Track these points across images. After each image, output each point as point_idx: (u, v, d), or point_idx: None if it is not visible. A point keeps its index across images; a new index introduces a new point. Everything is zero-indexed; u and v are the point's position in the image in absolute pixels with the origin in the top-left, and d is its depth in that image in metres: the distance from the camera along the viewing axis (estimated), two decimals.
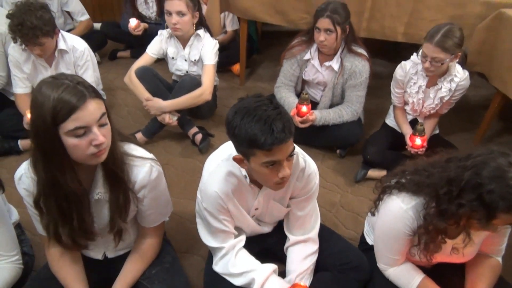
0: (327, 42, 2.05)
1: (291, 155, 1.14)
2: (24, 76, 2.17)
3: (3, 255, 1.29)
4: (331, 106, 2.28)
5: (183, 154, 2.34)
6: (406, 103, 2.15)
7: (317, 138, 2.30)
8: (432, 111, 2.10)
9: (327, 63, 2.18)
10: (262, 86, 3.01)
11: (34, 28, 1.88)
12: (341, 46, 2.14)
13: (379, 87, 2.79)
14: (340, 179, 2.21)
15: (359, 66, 2.12)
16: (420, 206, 1.17)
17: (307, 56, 2.22)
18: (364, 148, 2.16)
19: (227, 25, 3.11)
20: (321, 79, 2.26)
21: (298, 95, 2.32)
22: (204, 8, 2.73)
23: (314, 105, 2.30)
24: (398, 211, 1.22)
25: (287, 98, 2.28)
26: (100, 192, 1.18)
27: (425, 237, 1.18)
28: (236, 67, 3.06)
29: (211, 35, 2.35)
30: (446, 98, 2.02)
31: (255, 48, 3.34)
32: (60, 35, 2.12)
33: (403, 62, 2.05)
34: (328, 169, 2.27)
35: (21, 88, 2.19)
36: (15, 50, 2.12)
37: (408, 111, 2.18)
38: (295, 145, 1.17)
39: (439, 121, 2.18)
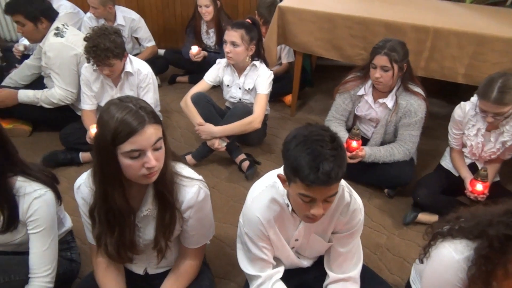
0: (383, 79, 2.03)
1: (330, 197, 1.12)
2: (92, 94, 2.35)
3: (36, 273, 1.32)
4: (383, 143, 2.23)
5: (229, 179, 2.37)
6: (464, 145, 2.05)
7: (365, 175, 2.24)
8: (493, 156, 1.98)
9: (381, 100, 2.15)
10: (313, 118, 3.01)
11: (106, 50, 2.05)
12: (397, 84, 2.11)
13: (435, 128, 2.69)
14: (387, 220, 2.12)
15: (415, 105, 2.07)
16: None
17: (361, 92, 2.20)
18: (415, 190, 2.06)
19: (283, 57, 3.19)
20: (373, 115, 2.22)
21: (349, 130, 2.30)
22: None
23: (365, 141, 2.26)
24: (449, 261, 1.14)
25: (337, 132, 2.24)
26: (148, 208, 1.23)
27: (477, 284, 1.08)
28: (288, 98, 3.10)
29: (267, 66, 2.42)
30: (509, 143, 1.90)
31: (308, 80, 3.37)
32: (128, 58, 2.28)
33: (462, 103, 1.97)
34: (375, 208, 2.19)
35: (88, 105, 2.37)
36: (87, 70, 2.31)
37: (466, 154, 2.07)
38: (342, 182, 1.15)
39: (500, 167, 2.04)
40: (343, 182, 1.30)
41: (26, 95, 2.47)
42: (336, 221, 1.32)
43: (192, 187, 1.25)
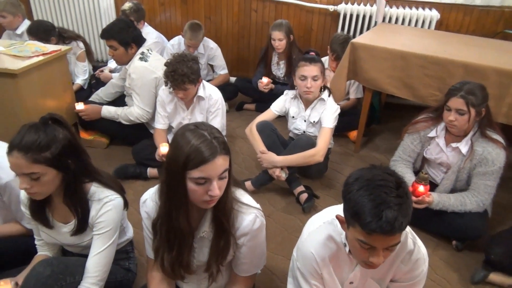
0: (457, 122, 1.92)
1: (391, 247, 1.05)
2: (165, 115, 2.51)
3: (87, 276, 1.36)
4: (453, 191, 2.08)
5: (286, 210, 2.36)
6: None
7: (431, 223, 2.10)
8: None
9: (454, 144, 2.03)
10: (377, 156, 2.92)
11: (183, 75, 2.19)
12: (474, 129, 1.98)
13: None
14: (452, 275, 1.94)
15: (493, 154, 1.92)
16: None
17: (432, 134, 2.10)
18: (489, 246, 1.87)
19: (351, 93, 3.16)
20: (444, 160, 2.09)
21: (416, 173, 2.18)
22: (331, 75, 2.85)
23: (433, 186, 2.12)
24: None
25: (403, 173, 2.16)
26: (205, 231, 1.26)
27: None
28: (353, 134, 3.05)
29: (334, 100, 2.41)
30: None
31: (376, 117, 3.29)
32: (201, 83, 2.42)
33: None
34: (440, 260, 2.03)
35: (160, 124, 2.53)
36: (163, 92, 2.48)
37: None
38: (407, 227, 1.08)
39: None
40: (407, 228, 1.23)
41: (108, 111, 2.71)
42: (396, 269, 1.25)
43: (249, 214, 1.26)
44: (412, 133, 2.17)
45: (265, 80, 3.21)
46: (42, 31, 2.94)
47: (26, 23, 3.27)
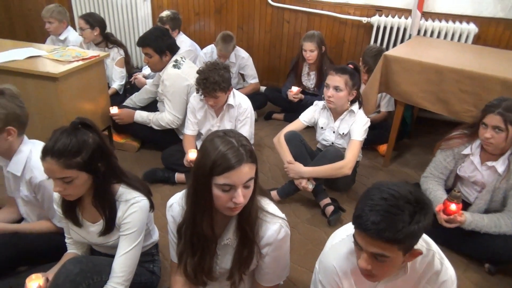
0: (494, 140, 1.85)
1: (379, 256, 1.02)
2: (195, 121, 2.55)
3: (113, 275, 1.38)
4: (487, 211, 1.99)
5: (311, 221, 2.33)
6: None
7: (462, 244, 2.01)
8: None
9: (489, 163, 1.95)
10: (407, 172, 2.84)
11: (214, 83, 2.23)
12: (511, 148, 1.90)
13: None
14: None
15: None
16: None
17: (466, 151, 2.03)
18: None
19: (382, 106, 3.11)
20: (479, 178, 2.01)
21: (448, 190, 2.11)
22: (362, 87, 2.81)
23: (466, 205, 2.04)
24: None
25: (434, 191, 2.09)
26: (229, 238, 1.27)
27: None
28: (383, 148, 2.99)
29: (364, 112, 2.38)
30: None
31: (407, 132, 3.22)
32: (231, 92, 2.45)
33: None
34: (470, 283, 1.94)
35: (190, 130, 2.57)
36: (194, 99, 2.53)
37: None
38: (434, 247, 1.05)
39: None
40: (434, 247, 1.19)
41: (140, 116, 2.79)
42: None
43: (274, 224, 1.25)
44: (445, 150, 2.11)
45: (295, 89, 3.22)
46: (97, 19, 3.22)
47: (69, 30, 3.46)
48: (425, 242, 1.19)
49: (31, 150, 1.61)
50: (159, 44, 2.58)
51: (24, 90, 2.23)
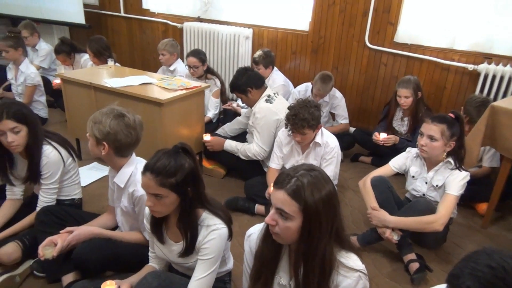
0: None
1: None
2: (281, 156, 2.59)
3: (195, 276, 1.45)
4: None
5: (391, 276, 2.16)
6: None
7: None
8: None
9: None
10: (511, 238, 2.50)
11: (303, 120, 2.26)
12: None
13: None
14: None
15: None
16: None
17: None
18: None
19: (485, 160, 2.82)
20: None
21: None
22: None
23: None
24: None
25: None
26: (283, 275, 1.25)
27: None
28: (483, 207, 2.68)
29: (460, 165, 2.18)
30: None
31: None
32: (320, 130, 2.45)
33: None
34: None
35: (275, 164, 2.62)
36: (282, 134, 2.58)
37: None
38: None
39: None
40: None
41: (230, 144, 2.92)
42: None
43: (350, 278, 1.18)
44: None
45: (383, 135, 3.09)
46: (204, 57, 3.60)
47: (179, 62, 3.85)
48: None
49: (136, 166, 1.79)
50: (239, 84, 2.78)
51: (136, 112, 2.50)
